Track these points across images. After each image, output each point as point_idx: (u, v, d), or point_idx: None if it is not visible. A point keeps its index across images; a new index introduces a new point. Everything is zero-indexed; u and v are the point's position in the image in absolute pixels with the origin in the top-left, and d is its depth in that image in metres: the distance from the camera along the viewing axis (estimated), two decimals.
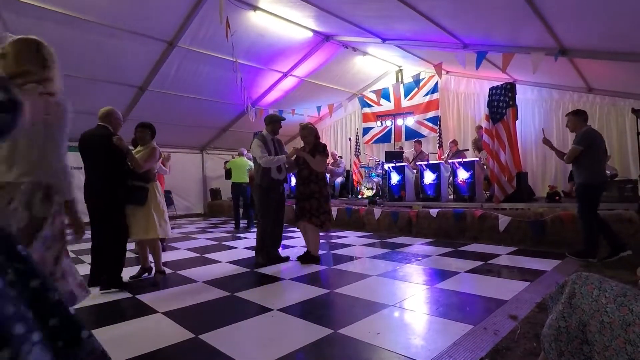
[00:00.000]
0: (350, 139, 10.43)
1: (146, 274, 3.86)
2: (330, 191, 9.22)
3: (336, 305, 2.90)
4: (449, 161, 7.04)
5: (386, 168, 7.97)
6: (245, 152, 8.71)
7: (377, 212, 6.79)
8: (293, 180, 6.52)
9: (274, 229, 4.38)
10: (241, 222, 8.20)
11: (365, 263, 4.28)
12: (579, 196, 4.16)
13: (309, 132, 4.30)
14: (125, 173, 3.50)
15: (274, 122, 4.37)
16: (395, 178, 7.58)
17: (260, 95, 9.48)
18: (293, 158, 4.33)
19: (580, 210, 4.18)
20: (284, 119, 4.64)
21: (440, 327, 2.36)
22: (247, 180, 7.84)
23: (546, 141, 4.59)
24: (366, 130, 10.78)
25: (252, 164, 7.97)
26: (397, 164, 7.72)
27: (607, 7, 3.96)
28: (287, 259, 4.43)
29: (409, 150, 9.25)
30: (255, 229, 7.73)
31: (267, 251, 4.33)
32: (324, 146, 4.28)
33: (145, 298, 3.12)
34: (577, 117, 4.22)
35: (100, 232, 3.44)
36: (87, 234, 2.46)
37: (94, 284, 3.34)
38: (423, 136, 9.52)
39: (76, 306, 1.96)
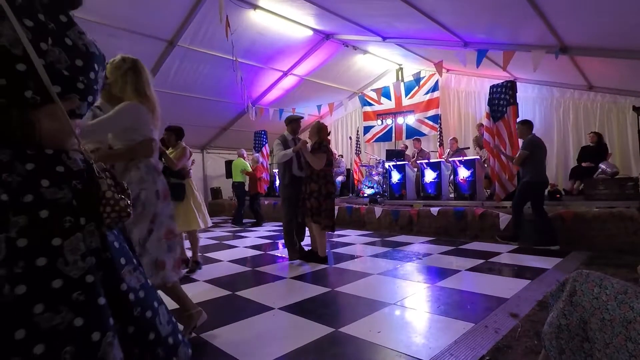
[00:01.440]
0: (350, 138, 10.43)
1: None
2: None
3: (337, 304, 2.90)
4: (450, 159, 7.03)
5: (387, 167, 7.97)
6: (244, 152, 8.78)
7: (378, 210, 6.79)
8: None
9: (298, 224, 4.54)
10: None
11: (366, 262, 4.28)
12: (521, 192, 4.90)
13: (312, 129, 4.38)
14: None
15: (293, 121, 4.52)
16: (396, 177, 7.58)
17: (261, 94, 9.47)
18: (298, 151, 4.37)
19: (514, 202, 4.96)
20: (303, 118, 4.87)
21: (441, 325, 2.36)
22: (240, 180, 8.29)
23: (496, 147, 5.61)
24: (367, 129, 10.78)
25: (246, 164, 8.21)
26: (398, 163, 7.71)
27: (608, 5, 3.95)
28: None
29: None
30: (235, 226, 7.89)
31: (296, 244, 4.45)
32: (320, 143, 4.28)
33: None
34: (524, 127, 5.01)
35: None
36: None
37: None
38: (424, 134, 9.52)
39: None
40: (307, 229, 4.56)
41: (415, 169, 7.71)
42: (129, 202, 1.01)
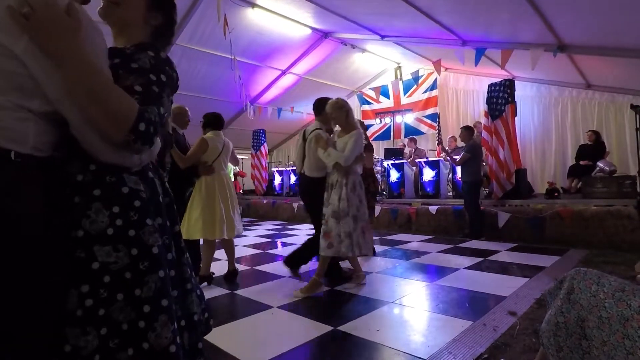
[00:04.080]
0: None
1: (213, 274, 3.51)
2: None
3: (336, 303, 2.91)
4: (446, 158, 7.03)
5: (385, 165, 7.97)
6: None
7: (377, 209, 6.78)
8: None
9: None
10: None
11: (365, 260, 4.28)
12: (467, 191, 5.48)
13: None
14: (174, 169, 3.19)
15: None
16: (394, 175, 7.58)
17: (259, 92, 9.45)
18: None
19: (468, 202, 5.46)
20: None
21: (439, 323, 2.37)
22: None
23: (443, 149, 6.68)
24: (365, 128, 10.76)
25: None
26: (397, 161, 7.71)
27: (606, 3, 3.95)
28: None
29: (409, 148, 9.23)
30: None
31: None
32: (367, 141, 4.17)
33: None
34: (468, 132, 5.63)
35: None
36: None
37: None
38: (422, 133, 9.51)
39: None
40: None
41: (414, 168, 7.71)
42: None
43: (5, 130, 0.78)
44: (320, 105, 3.46)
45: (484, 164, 6.80)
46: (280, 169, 10.74)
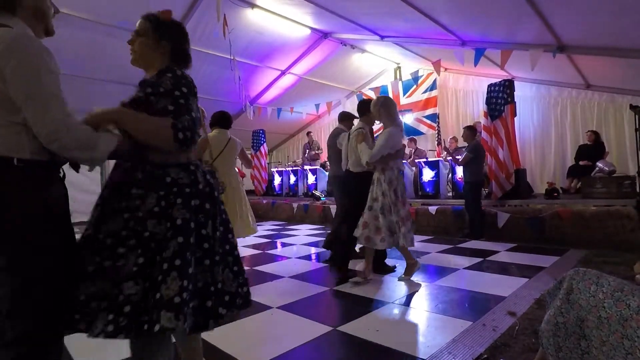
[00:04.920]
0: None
1: None
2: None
3: (335, 303, 2.91)
4: (448, 158, 7.04)
5: None
6: None
7: None
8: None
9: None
10: None
11: None
12: (468, 191, 5.49)
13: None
14: None
15: (350, 118, 4.43)
16: None
17: (259, 93, 9.45)
18: None
19: (469, 202, 5.46)
20: (357, 117, 4.39)
21: (439, 323, 2.37)
22: None
23: (445, 149, 6.85)
24: None
25: None
26: None
27: (606, 4, 3.96)
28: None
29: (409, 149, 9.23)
30: None
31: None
32: None
33: None
34: (471, 132, 5.63)
35: None
36: None
37: None
38: (422, 133, 9.51)
39: None
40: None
41: (414, 168, 7.70)
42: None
43: (4, 143, 0.98)
44: (363, 106, 3.72)
45: (484, 164, 6.82)
46: (279, 169, 10.74)
